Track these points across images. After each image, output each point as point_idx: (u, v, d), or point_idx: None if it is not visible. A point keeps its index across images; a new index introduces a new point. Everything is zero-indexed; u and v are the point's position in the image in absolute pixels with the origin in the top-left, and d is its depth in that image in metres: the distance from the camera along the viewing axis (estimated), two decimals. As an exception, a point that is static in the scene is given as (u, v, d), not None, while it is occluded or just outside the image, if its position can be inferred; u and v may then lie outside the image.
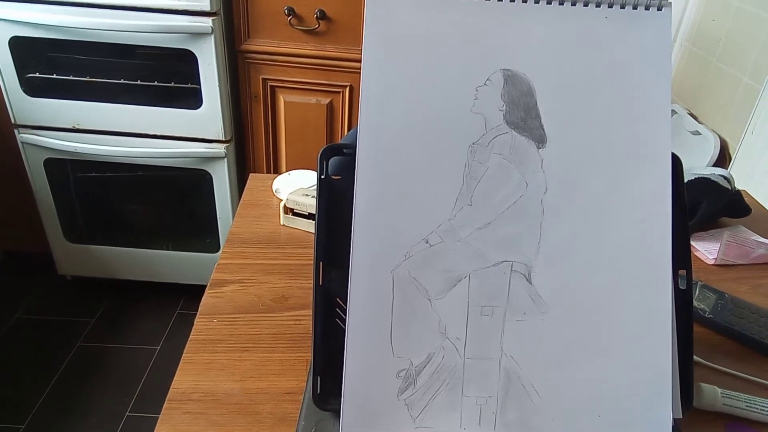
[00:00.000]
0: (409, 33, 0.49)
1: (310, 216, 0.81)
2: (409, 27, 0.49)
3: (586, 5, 0.49)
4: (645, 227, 0.49)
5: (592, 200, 0.49)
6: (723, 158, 1.42)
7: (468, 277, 0.49)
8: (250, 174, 0.95)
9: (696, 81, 1.60)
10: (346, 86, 1.63)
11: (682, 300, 0.51)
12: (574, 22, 0.49)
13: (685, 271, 0.52)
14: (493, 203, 0.49)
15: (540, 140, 0.49)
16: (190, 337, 0.61)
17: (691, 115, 1.58)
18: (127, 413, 1.52)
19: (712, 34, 1.55)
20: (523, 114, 0.49)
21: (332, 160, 0.52)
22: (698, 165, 1.37)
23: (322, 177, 0.51)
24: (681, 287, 0.52)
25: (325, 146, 0.52)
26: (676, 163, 0.50)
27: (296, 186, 0.87)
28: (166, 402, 0.53)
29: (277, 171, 1.80)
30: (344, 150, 0.52)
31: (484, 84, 0.49)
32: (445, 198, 0.49)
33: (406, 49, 0.49)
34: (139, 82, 1.57)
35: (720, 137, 1.43)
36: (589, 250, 0.49)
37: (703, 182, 0.83)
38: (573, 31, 0.49)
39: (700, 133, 1.48)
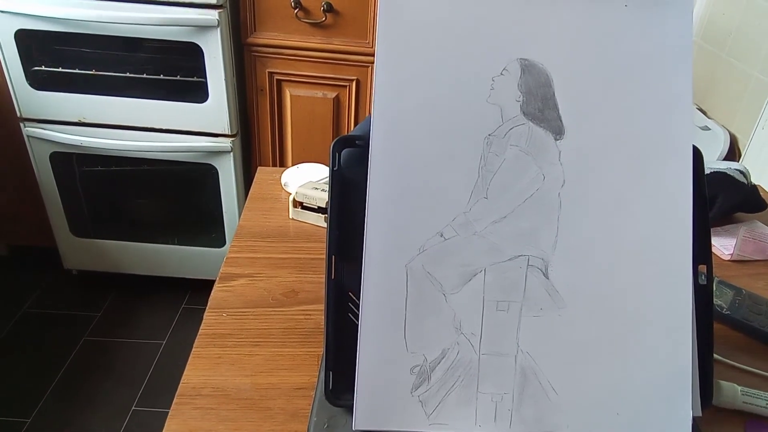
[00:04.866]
0: (424, 21, 0.48)
1: (319, 210, 0.80)
2: (423, 15, 0.48)
3: (606, -7, 0.48)
4: (665, 221, 0.48)
5: (611, 193, 0.48)
6: (732, 153, 1.40)
7: (483, 271, 0.48)
8: (259, 167, 0.95)
9: (705, 76, 1.58)
10: (352, 80, 1.62)
11: (702, 296, 0.50)
12: (594, 10, 0.48)
13: (705, 266, 0.51)
14: (510, 196, 0.48)
15: (558, 132, 0.48)
16: (200, 331, 0.61)
17: (700, 110, 1.56)
18: (134, 407, 1.52)
19: (722, 29, 1.53)
20: (540, 105, 0.48)
21: (344, 152, 0.51)
22: (709, 160, 1.35)
23: (335, 169, 0.50)
24: (701, 283, 0.50)
25: (338, 138, 0.51)
26: (697, 156, 0.49)
27: (305, 179, 0.86)
28: (176, 397, 0.53)
29: (283, 165, 1.79)
30: (357, 141, 0.51)
31: (501, 74, 0.48)
32: (460, 190, 0.48)
33: (420, 37, 0.48)
34: (144, 76, 1.56)
35: (729, 132, 1.42)
36: (607, 245, 0.48)
37: (719, 177, 0.82)
38: (592, 20, 0.48)
39: (709, 129, 1.47)
